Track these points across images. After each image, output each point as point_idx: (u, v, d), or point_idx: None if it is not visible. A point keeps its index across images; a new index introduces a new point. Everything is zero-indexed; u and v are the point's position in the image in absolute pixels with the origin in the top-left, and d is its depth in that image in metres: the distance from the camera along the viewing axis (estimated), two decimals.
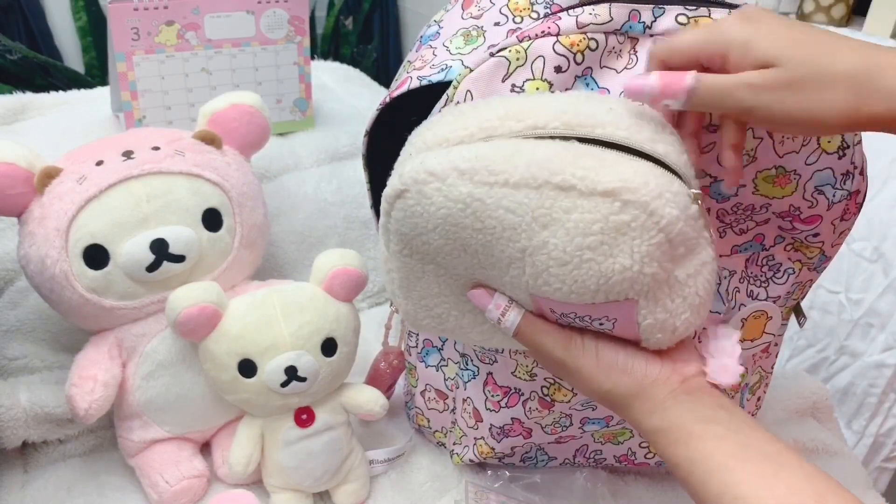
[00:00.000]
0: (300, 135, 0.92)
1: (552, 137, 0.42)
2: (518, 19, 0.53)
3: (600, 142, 0.41)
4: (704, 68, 0.42)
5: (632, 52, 0.50)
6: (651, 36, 0.50)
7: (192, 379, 0.63)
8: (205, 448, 0.69)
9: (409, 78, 0.54)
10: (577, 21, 0.49)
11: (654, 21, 0.50)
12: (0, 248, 0.70)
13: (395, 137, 0.57)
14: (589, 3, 0.50)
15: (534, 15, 0.53)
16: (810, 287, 0.62)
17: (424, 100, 0.53)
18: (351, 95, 1.06)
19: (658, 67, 0.43)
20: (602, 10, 0.49)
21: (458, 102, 0.51)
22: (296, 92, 0.90)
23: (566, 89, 0.50)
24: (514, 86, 0.50)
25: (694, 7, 0.50)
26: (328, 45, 2.04)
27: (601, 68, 0.50)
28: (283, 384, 0.59)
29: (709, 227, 0.43)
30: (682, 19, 0.49)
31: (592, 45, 0.49)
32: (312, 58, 0.94)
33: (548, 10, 0.53)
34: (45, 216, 0.58)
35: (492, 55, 0.50)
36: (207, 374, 0.61)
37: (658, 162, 0.41)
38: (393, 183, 0.44)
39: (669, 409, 0.43)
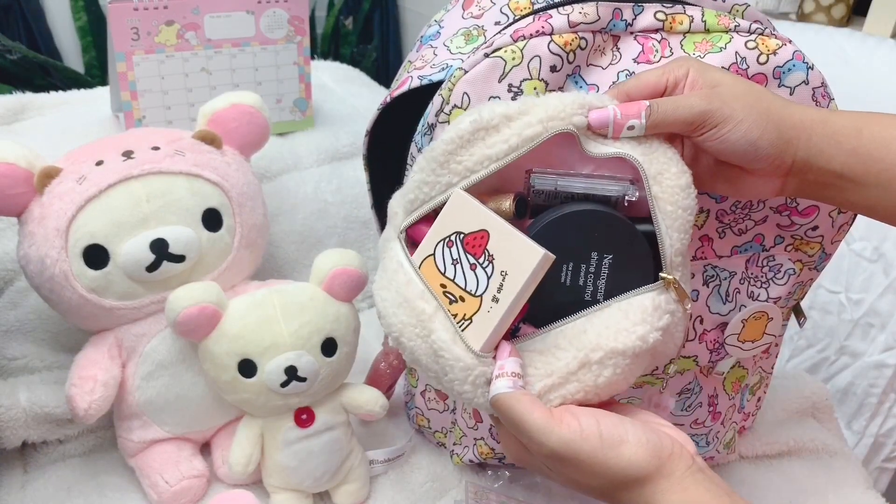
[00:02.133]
0: (300, 135, 0.92)
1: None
2: (519, 18, 0.53)
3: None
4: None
5: (614, 48, 0.52)
6: (632, 33, 0.52)
7: (192, 379, 0.63)
8: (205, 448, 0.69)
9: (409, 77, 0.54)
10: (568, 20, 0.50)
11: (635, 18, 0.51)
12: (0, 248, 0.70)
13: (396, 137, 0.58)
14: (577, 1, 0.51)
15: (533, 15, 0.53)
16: (810, 286, 0.62)
17: (425, 100, 0.53)
18: (351, 95, 1.06)
19: (623, 100, 0.45)
20: (590, 9, 0.50)
21: (454, 105, 0.51)
22: (296, 92, 0.90)
23: (559, 88, 0.51)
24: (510, 86, 0.50)
25: (671, 4, 0.52)
26: (328, 45, 2.04)
27: (588, 66, 0.51)
28: (283, 384, 0.59)
29: (687, 291, 0.45)
30: (661, 16, 0.51)
31: (582, 43, 0.50)
32: (312, 58, 0.94)
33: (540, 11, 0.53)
34: (44, 216, 0.58)
35: (486, 56, 0.50)
36: (207, 374, 0.61)
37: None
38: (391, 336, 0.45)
39: (690, 489, 0.39)
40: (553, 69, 0.50)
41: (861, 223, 0.98)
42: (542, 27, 0.49)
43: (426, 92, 0.53)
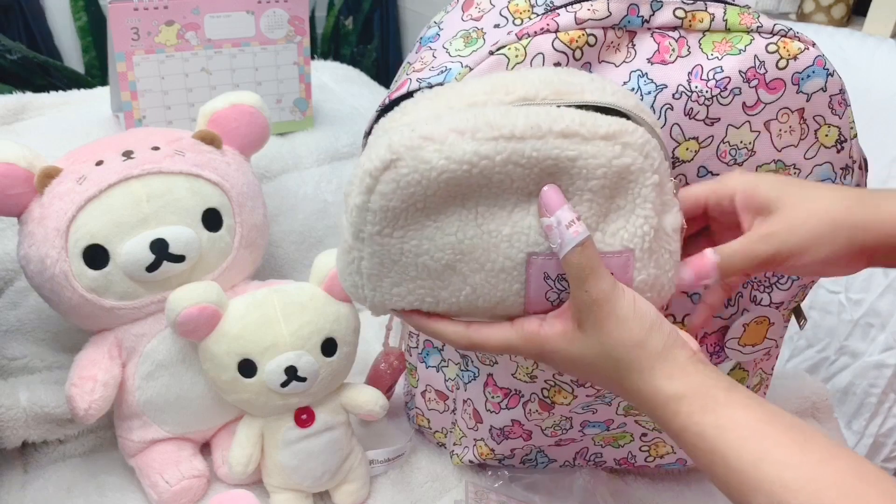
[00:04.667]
0: (300, 135, 0.92)
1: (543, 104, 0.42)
2: (518, 21, 0.53)
3: (590, 106, 0.43)
4: (707, 216, 0.49)
5: (629, 45, 0.51)
6: (649, 30, 0.51)
7: (192, 379, 0.63)
8: (205, 448, 0.69)
9: (408, 80, 0.54)
10: (575, 17, 0.49)
11: (653, 15, 0.50)
12: (0, 248, 0.70)
13: None
14: None
15: (534, 17, 0.53)
16: (811, 287, 0.62)
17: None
18: (351, 95, 1.06)
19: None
20: (600, 6, 0.49)
21: None
22: (296, 92, 0.90)
23: None
24: None
25: (691, 2, 0.51)
26: (328, 45, 2.04)
27: (600, 63, 0.51)
28: (283, 384, 0.59)
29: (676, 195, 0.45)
30: (680, 13, 0.50)
31: (591, 40, 0.50)
32: (312, 58, 0.94)
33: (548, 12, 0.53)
34: (44, 216, 0.58)
35: (491, 53, 0.50)
36: (207, 374, 0.61)
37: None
38: (378, 154, 0.40)
39: (691, 375, 0.42)
40: (557, 66, 0.50)
41: None
42: (548, 25, 0.49)
43: None
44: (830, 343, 1.07)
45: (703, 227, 0.50)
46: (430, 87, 0.53)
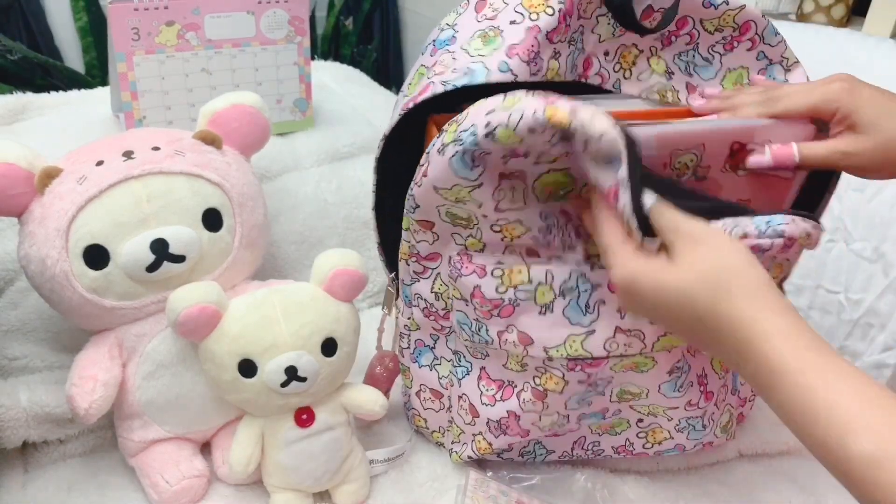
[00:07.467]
0: (300, 135, 0.92)
1: None
2: (534, 16, 0.53)
3: None
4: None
5: None
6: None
7: (193, 379, 0.63)
8: (205, 448, 0.69)
9: (430, 84, 0.54)
10: None
11: None
12: (0, 248, 0.70)
13: (406, 143, 0.57)
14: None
15: (549, 10, 0.52)
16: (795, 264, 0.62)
17: (432, 104, 0.53)
18: (351, 95, 1.06)
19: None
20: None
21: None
22: (296, 92, 0.90)
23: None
24: None
25: None
26: (328, 46, 2.04)
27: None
28: (284, 384, 0.59)
29: None
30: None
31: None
32: (312, 58, 0.94)
33: (562, 5, 0.53)
34: (45, 216, 0.58)
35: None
36: (208, 374, 0.62)
37: None
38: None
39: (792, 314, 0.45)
40: None
41: (861, 223, 0.98)
42: None
43: (442, 96, 0.52)
44: (830, 343, 1.07)
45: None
46: (456, 88, 0.52)
